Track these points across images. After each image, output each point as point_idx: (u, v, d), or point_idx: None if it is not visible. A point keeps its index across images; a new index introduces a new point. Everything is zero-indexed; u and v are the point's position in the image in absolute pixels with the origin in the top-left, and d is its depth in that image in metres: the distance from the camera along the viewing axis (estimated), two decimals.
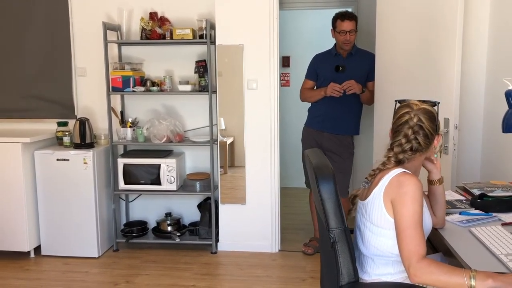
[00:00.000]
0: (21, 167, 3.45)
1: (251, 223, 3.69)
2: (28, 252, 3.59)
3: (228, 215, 3.72)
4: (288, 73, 5.58)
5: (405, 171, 1.63)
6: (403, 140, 1.68)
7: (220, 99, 3.62)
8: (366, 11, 4.10)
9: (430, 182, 1.83)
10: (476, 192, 2.15)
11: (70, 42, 3.83)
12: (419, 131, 1.67)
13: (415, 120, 1.68)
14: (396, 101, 1.86)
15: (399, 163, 1.68)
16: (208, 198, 3.74)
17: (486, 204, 2.01)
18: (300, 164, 3.47)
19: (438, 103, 1.76)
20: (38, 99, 3.92)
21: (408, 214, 1.54)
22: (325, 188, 1.60)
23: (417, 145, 1.67)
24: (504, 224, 1.81)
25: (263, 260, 3.57)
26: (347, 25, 3.45)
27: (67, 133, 3.66)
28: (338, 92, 3.40)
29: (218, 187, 3.70)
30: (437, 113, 1.73)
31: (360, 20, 3.58)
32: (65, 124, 3.77)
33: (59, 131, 3.74)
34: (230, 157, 3.68)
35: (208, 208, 3.69)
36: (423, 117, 1.68)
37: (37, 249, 3.63)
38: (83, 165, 3.50)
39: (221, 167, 3.68)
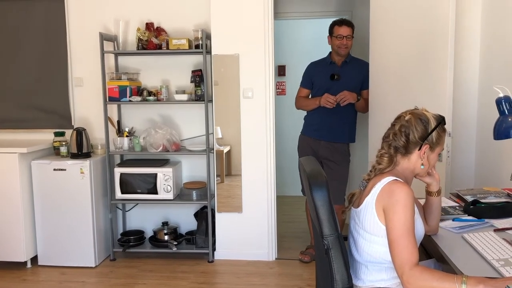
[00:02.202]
0: (18, 177, 3.45)
1: (247, 231, 3.70)
2: (25, 262, 3.59)
3: (224, 224, 3.73)
4: (283, 82, 5.61)
5: (396, 179, 1.65)
6: (391, 136, 1.72)
7: (216, 108, 3.64)
8: (360, 21, 4.14)
9: (428, 193, 1.83)
10: (469, 198, 2.17)
11: (67, 53, 3.86)
12: (404, 129, 1.70)
13: (406, 118, 1.71)
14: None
15: (391, 161, 1.70)
16: (205, 207, 3.75)
17: (479, 210, 2.03)
18: (297, 172, 3.48)
19: (443, 117, 1.74)
20: (35, 109, 3.94)
21: (400, 222, 1.55)
22: (318, 195, 1.62)
23: (399, 142, 1.70)
24: (496, 230, 1.83)
25: (260, 268, 3.57)
26: (344, 30, 3.51)
27: (64, 143, 3.68)
28: (331, 103, 3.44)
29: (214, 196, 3.71)
30: (437, 125, 1.70)
31: (354, 29, 3.62)
32: (62, 134, 3.79)
33: (56, 141, 3.75)
34: (227, 165, 3.70)
35: (204, 217, 3.70)
36: (413, 118, 1.70)
37: (34, 259, 3.63)
38: (80, 175, 3.51)
39: (218, 175, 3.70)
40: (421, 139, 1.69)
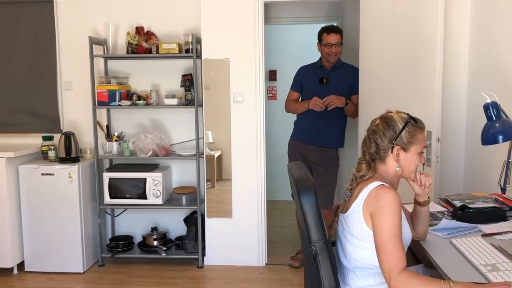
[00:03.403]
0: (5, 182, 3.41)
1: (237, 236, 3.68)
2: (11, 268, 3.54)
3: (214, 229, 3.71)
4: (275, 87, 5.62)
5: (383, 184, 1.64)
6: (364, 143, 1.75)
7: (207, 113, 3.63)
8: (350, 26, 4.17)
9: (417, 202, 1.82)
10: (458, 203, 2.17)
11: (56, 56, 3.83)
12: (372, 136, 1.72)
13: (375, 123, 1.74)
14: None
15: (369, 168, 1.71)
16: (195, 212, 3.73)
17: (467, 215, 2.03)
18: (287, 177, 3.45)
19: (411, 116, 1.72)
20: (24, 113, 3.90)
21: (387, 227, 1.55)
22: (306, 200, 1.61)
23: (371, 149, 1.71)
24: (484, 235, 1.83)
25: (250, 273, 3.55)
26: (332, 38, 3.51)
27: (52, 148, 3.64)
28: (319, 107, 3.45)
29: (204, 201, 3.69)
30: (404, 125, 1.68)
31: (344, 35, 3.63)
32: (51, 138, 3.75)
33: (44, 146, 3.72)
34: (217, 170, 3.68)
35: (194, 222, 3.68)
36: (381, 122, 1.72)
37: (21, 265, 3.58)
38: (68, 180, 3.47)
39: (208, 180, 3.68)
40: (390, 142, 1.69)
